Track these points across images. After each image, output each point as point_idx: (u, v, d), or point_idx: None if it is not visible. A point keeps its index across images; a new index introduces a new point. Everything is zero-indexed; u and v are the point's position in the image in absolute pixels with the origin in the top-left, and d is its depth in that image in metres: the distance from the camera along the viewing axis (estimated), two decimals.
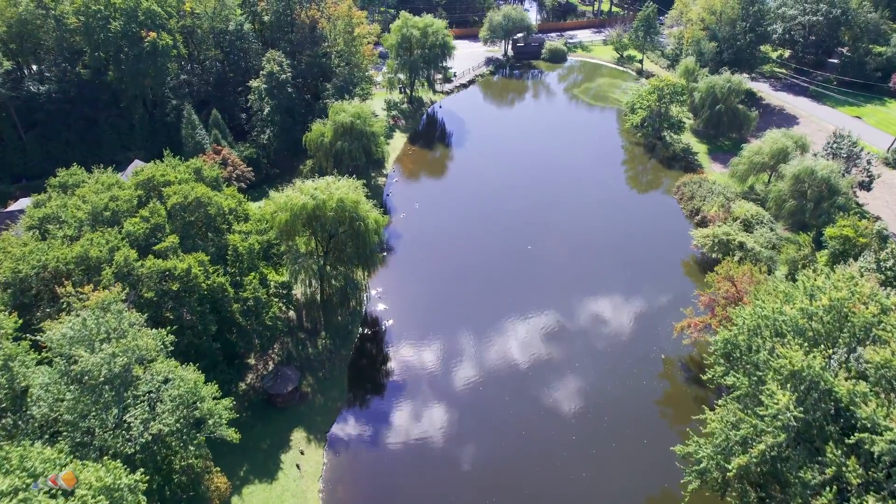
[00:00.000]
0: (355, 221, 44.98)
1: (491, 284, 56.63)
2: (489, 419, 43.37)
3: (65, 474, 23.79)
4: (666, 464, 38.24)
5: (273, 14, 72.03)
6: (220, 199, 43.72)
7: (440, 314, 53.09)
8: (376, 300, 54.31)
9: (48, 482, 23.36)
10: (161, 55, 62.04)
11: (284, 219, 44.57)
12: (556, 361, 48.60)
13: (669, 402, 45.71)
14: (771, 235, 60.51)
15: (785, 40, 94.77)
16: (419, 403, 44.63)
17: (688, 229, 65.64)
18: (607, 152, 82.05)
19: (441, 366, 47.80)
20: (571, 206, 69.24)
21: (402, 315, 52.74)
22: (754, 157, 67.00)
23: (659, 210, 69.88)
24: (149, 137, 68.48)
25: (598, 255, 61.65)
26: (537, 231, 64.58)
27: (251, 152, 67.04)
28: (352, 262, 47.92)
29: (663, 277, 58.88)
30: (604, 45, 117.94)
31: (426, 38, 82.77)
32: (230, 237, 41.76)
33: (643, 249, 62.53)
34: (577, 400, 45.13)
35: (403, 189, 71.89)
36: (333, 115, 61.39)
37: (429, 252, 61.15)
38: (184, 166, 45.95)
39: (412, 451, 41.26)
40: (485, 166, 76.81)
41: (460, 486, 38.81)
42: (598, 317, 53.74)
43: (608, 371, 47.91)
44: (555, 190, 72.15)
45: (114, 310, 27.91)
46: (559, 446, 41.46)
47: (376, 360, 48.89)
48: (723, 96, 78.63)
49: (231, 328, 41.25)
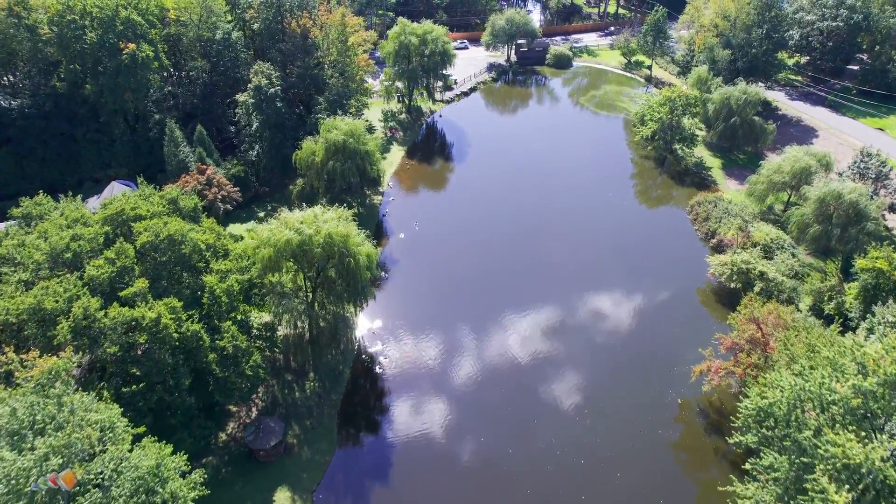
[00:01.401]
0: (345, 257, 41.08)
1: (494, 315, 52.71)
2: (492, 479, 39.52)
3: (64, 474, 23.59)
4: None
5: (262, 22, 67.92)
6: (197, 235, 39.80)
7: (440, 352, 49.20)
8: (370, 336, 50.45)
9: (48, 482, 23.18)
10: (141, 68, 58.05)
11: (268, 255, 40.66)
12: (564, 406, 44.68)
13: (688, 457, 41.82)
14: (793, 262, 56.58)
15: (802, 47, 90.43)
16: (416, 460, 40.76)
17: (703, 253, 61.66)
18: (615, 166, 77.98)
19: (440, 413, 43.94)
20: (578, 228, 65.22)
21: (398, 353, 48.85)
22: (774, 175, 62.91)
23: (671, 232, 65.82)
24: (131, 154, 64.60)
25: (605, 280, 57.67)
26: (540, 255, 60.61)
27: (238, 170, 63.09)
28: (342, 299, 44.02)
29: (678, 308, 54.92)
30: (611, 49, 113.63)
31: (425, 45, 78.62)
32: (207, 278, 37.88)
33: (655, 276, 58.55)
34: (588, 455, 41.24)
35: (401, 208, 67.92)
36: (325, 132, 57.42)
37: (427, 279, 57.23)
38: (158, 196, 42.03)
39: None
40: (486, 182, 72.80)
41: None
42: (608, 354, 49.80)
43: (621, 418, 43.97)
44: (559, 209, 68.14)
45: (53, 394, 24.00)
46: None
47: (369, 405, 45.06)
48: (738, 108, 74.46)
49: (208, 378, 37.49)
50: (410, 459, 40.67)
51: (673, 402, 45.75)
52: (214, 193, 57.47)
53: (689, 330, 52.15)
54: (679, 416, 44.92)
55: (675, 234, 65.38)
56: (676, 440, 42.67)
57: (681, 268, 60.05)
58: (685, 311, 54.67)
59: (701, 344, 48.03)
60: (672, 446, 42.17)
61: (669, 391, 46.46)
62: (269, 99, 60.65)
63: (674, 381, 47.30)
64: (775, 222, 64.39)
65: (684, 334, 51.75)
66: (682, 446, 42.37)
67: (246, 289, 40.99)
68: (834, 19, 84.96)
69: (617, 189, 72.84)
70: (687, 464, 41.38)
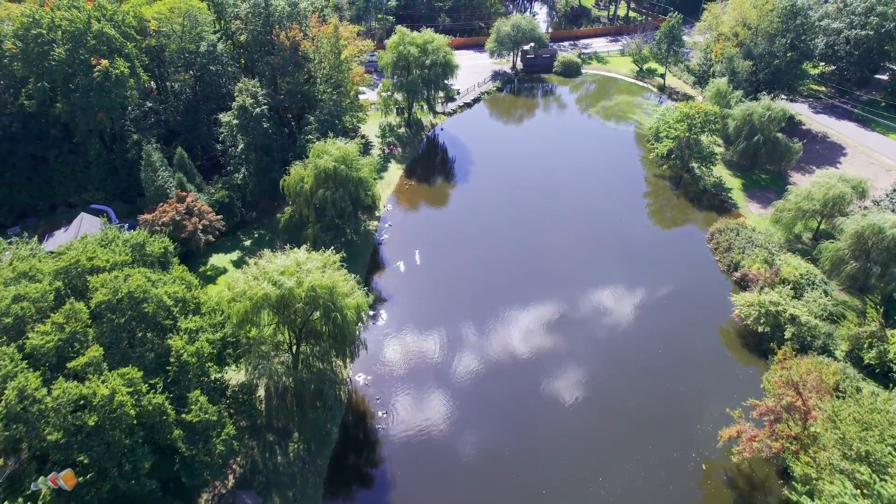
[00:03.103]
0: (331, 312, 36.42)
1: (499, 359, 47.99)
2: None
3: (64, 474, 24.05)
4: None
5: (250, 34, 63.05)
6: (164, 288, 35.20)
7: (440, 404, 44.51)
8: (362, 387, 45.80)
9: (48, 482, 23.75)
10: (115, 86, 53.32)
11: (244, 309, 36.03)
12: (579, 475, 39.97)
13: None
14: (826, 301, 51.62)
15: (826, 56, 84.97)
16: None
17: (725, 287, 56.84)
18: (628, 186, 72.92)
19: (443, 479, 39.31)
20: (589, 257, 60.37)
21: (392, 406, 44.17)
22: (803, 203, 57.87)
23: (690, 263, 60.76)
24: (108, 176, 60.01)
25: (620, 318, 52.82)
26: (548, 287, 55.79)
27: (223, 195, 58.37)
28: (328, 354, 39.38)
29: (699, 350, 50.09)
30: (621, 56, 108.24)
31: (426, 56, 73.59)
32: (172, 341, 33.25)
33: (674, 314, 53.71)
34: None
35: (399, 233, 63.12)
36: (314, 157, 52.67)
37: (426, 317, 52.45)
38: (122, 241, 37.35)
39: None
40: (490, 205, 67.88)
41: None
42: (622, 402, 44.93)
43: (640, 484, 39.28)
44: (569, 236, 63.24)
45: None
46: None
47: (359, 470, 40.48)
48: (761, 125, 69.29)
49: (174, 456, 32.98)
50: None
51: (697, 466, 41.05)
52: (194, 224, 52.89)
53: (712, 377, 47.43)
54: (703, 481, 40.23)
55: (695, 265, 60.36)
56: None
57: (701, 304, 55.15)
58: (707, 355, 49.82)
59: (726, 394, 43.34)
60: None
61: (692, 454, 41.71)
62: (254, 119, 55.88)
63: (697, 439, 42.59)
64: (804, 252, 59.41)
65: (707, 381, 47.05)
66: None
67: (219, 348, 36.40)
68: (863, 27, 79.48)
69: (630, 212, 67.82)
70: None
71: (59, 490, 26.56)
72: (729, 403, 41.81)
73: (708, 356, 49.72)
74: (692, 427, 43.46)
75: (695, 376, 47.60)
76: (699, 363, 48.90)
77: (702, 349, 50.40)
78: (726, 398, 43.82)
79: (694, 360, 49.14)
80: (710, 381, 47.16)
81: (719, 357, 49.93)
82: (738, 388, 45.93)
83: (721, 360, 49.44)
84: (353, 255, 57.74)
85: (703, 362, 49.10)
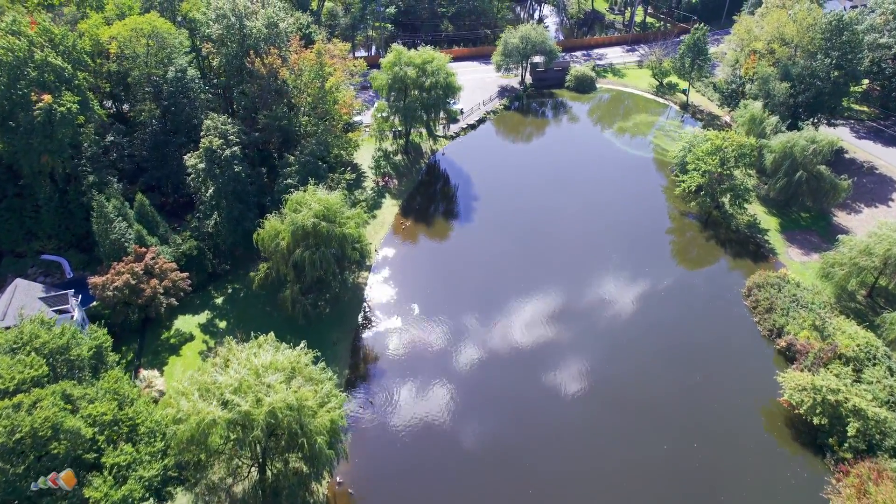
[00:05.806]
0: (298, 438, 29.04)
1: (516, 447, 40.59)
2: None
3: (64, 474, 24.70)
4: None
5: (223, 58, 55.28)
6: (88, 410, 27.89)
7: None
8: (343, 495, 38.47)
9: (48, 482, 24.31)
10: (60, 125, 45.86)
11: (189, 434, 28.63)
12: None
13: None
14: (892, 383, 43.89)
15: (871, 73, 76.43)
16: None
17: (767, 356, 49.37)
18: (650, 224, 64.97)
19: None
20: (609, 316, 52.74)
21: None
22: (860, 259, 50.13)
23: (726, 325, 52.82)
24: (60, 222, 52.81)
25: (646, 399, 45.17)
26: (563, 356, 48.27)
27: (191, 246, 50.98)
28: (299, 478, 32.00)
29: (739, 440, 42.71)
30: (639, 67, 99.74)
31: (425, 77, 65.58)
32: (91, 490, 25.96)
33: (710, 392, 46.22)
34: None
35: (392, 289, 55.53)
36: (290, 211, 45.12)
37: (424, 399, 45.05)
38: (34, 350, 29.83)
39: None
40: (496, 250, 60.10)
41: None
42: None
43: None
44: (587, 293, 55.53)
45: None
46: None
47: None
48: (804, 161, 61.18)
49: None
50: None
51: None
52: (154, 287, 45.56)
53: (758, 479, 39.97)
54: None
55: (732, 328, 52.48)
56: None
57: (742, 380, 47.48)
58: (752, 451, 42.24)
59: (775, 498, 35.79)
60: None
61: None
62: (224, 162, 48.30)
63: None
64: (858, 314, 51.66)
65: (752, 484, 39.53)
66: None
67: (158, 483, 29.10)
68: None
69: (654, 260, 59.86)
70: None
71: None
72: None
73: (752, 452, 42.13)
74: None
75: (737, 472, 40.23)
76: (742, 457, 41.50)
77: (745, 441, 42.85)
78: (775, 499, 36.51)
79: (737, 456, 41.63)
80: (757, 484, 39.62)
81: (765, 448, 42.50)
82: (793, 499, 38.53)
83: (769, 457, 41.90)
84: (338, 313, 50.56)
85: (746, 455, 41.74)
